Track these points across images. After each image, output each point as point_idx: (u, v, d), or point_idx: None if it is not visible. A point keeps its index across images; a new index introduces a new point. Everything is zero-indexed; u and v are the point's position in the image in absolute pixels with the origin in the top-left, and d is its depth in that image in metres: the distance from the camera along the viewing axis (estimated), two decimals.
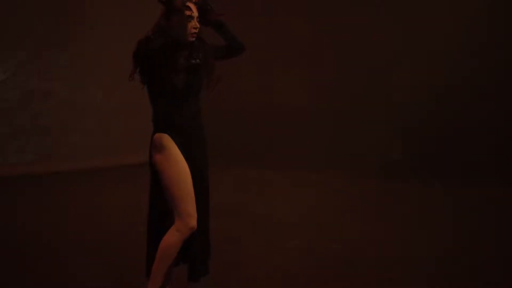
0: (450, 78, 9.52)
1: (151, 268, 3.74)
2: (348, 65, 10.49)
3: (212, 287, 4.22)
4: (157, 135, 3.74)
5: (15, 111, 9.60)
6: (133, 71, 3.73)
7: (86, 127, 10.21)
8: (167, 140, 3.70)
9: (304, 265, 5.03)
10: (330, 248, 5.53)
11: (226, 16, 3.92)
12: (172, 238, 3.65)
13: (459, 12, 9.50)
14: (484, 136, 9.26)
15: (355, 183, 8.96)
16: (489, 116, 9.33)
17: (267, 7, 11.03)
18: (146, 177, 3.88)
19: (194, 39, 3.73)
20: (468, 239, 5.84)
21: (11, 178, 9.08)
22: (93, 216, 6.77)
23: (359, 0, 10.49)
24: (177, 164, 3.68)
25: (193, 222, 3.64)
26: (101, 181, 9.20)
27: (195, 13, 3.73)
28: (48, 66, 9.79)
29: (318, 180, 9.18)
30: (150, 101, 3.80)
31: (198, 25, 3.75)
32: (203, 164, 3.86)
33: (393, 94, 10.13)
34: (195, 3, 3.75)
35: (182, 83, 3.68)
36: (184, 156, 3.72)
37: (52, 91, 9.86)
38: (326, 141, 10.42)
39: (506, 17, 9.30)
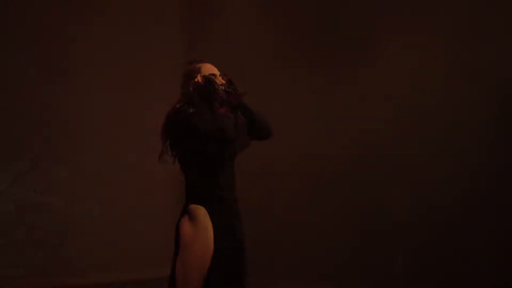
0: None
1: None
2: None
3: None
4: (193, 206, 3.65)
5: (10, 224, 9.40)
6: (163, 150, 3.73)
7: (83, 242, 9.93)
8: (204, 216, 3.60)
9: None
10: None
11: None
12: None
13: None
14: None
15: None
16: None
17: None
18: None
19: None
20: None
21: None
22: None
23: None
24: (204, 247, 3.54)
25: None
26: None
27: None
28: (45, 179, 9.68)
29: None
30: (183, 172, 3.78)
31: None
32: (242, 237, 3.77)
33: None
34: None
35: (215, 149, 3.63)
36: (222, 228, 3.61)
37: (48, 204, 9.70)
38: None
39: None
